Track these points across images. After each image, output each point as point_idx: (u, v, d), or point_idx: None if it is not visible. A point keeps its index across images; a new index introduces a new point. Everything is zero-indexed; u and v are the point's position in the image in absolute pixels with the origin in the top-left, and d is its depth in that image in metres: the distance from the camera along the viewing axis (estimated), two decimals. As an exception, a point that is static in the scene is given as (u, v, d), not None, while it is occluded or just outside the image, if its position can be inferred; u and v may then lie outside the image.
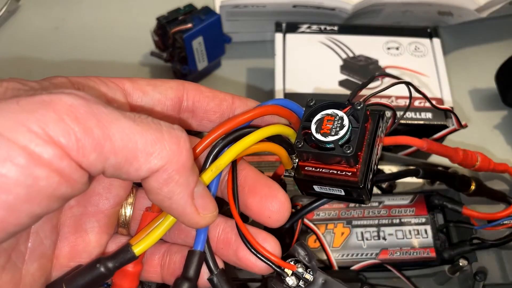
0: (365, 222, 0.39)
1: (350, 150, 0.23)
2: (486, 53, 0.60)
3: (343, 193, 0.25)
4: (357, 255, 0.38)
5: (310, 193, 0.27)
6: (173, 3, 0.52)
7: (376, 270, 0.38)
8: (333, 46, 0.50)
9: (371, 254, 0.38)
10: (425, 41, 0.50)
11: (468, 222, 0.39)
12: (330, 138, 0.23)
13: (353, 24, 0.56)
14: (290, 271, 0.24)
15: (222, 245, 0.25)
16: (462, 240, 0.38)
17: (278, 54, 0.49)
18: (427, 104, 0.45)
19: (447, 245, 0.38)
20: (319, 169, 0.25)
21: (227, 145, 0.24)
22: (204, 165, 0.24)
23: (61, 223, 0.24)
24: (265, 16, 0.55)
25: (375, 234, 0.39)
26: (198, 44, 0.52)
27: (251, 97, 0.27)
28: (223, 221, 0.25)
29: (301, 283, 0.24)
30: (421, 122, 0.45)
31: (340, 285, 0.24)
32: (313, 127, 0.24)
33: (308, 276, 0.24)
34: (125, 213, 0.26)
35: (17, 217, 0.17)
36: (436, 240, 0.38)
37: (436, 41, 0.50)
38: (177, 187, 0.20)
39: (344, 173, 0.24)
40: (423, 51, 0.50)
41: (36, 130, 0.17)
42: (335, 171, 0.24)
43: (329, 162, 0.24)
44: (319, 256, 0.38)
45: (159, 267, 0.26)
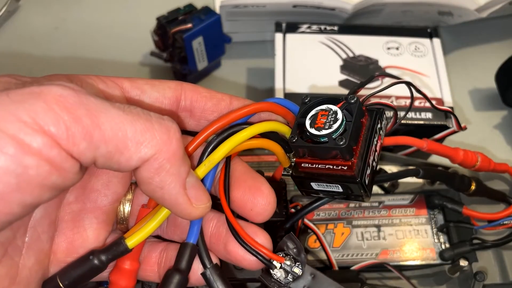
0: (365, 222, 0.39)
1: (343, 142, 0.23)
2: (486, 53, 0.60)
3: (341, 189, 0.25)
4: (357, 255, 0.38)
5: (309, 192, 0.27)
6: (173, 3, 0.52)
7: (376, 270, 0.38)
8: (333, 46, 0.50)
9: (371, 254, 0.38)
10: (425, 41, 0.50)
11: (468, 222, 0.39)
12: (324, 132, 0.23)
13: (353, 24, 0.56)
14: (279, 264, 0.24)
15: (214, 240, 0.25)
16: (462, 240, 0.38)
17: (278, 54, 0.49)
18: (427, 104, 0.45)
19: (447, 245, 0.38)
20: (316, 165, 0.24)
21: (222, 142, 0.24)
22: (199, 162, 0.24)
23: (59, 219, 0.24)
24: (265, 16, 0.55)
25: (375, 234, 0.39)
26: (198, 44, 0.51)
27: (251, 97, 0.27)
28: (217, 216, 0.25)
29: (290, 277, 0.24)
30: (421, 122, 0.45)
31: (328, 280, 0.24)
32: (308, 122, 0.24)
33: (297, 270, 0.24)
34: (124, 210, 0.26)
35: (8, 206, 0.18)
36: (436, 240, 0.38)
37: (436, 41, 0.50)
38: (168, 177, 0.20)
39: (340, 168, 0.24)
40: (423, 51, 0.50)
41: (26, 120, 0.17)
42: (331, 166, 0.24)
43: (325, 157, 0.24)
44: (319, 256, 0.38)
45: (156, 266, 0.26)
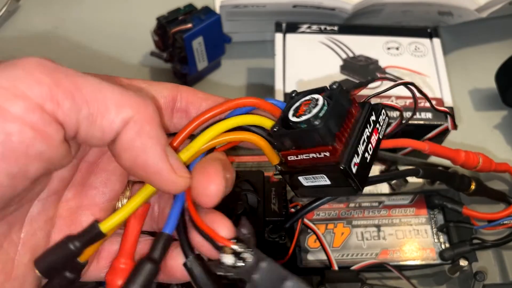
0: (365, 222, 0.39)
1: (319, 122, 0.22)
2: (486, 53, 0.60)
3: (328, 181, 0.24)
4: (357, 255, 0.38)
5: (303, 193, 0.26)
6: (173, 3, 0.52)
7: (376, 270, 0.38)
8: (333, 46, 0.50)
9: (371, 254, 0.38)
10: (425, 41, 0.50)
11: (468, 222, 0.39)
12: (303, 118, 0.23)
13: (353, 24, 0.56)
14: (228, 249, 0.23)
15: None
16: (462, 240, 0.38)
17: (278, 54, 0.49)
18: (428, 104, 0.45)
19: (447, 245, 0.38)
20: (301, 156, 0.24)
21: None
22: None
23: (57, 216, 0.24)
24: (265, 16, 0.55)
25: (375, 234, 0.39)
26: (198, 44, 0.51)
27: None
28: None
29: (240, 263, 0.23)
30: (421, 122, 0.45)
31: (279, 268, 0.23)
32: (291, 113, 0.24)
33: (247, 256, 0.23)
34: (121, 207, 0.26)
35: None
36: (436, 240, 0.38)
37: (436, 41, 0.50)
38: (149, 140, 0.20)
39: (323, 155, 0.23)
40: (423, 51, 0.50)
41: (5, 85, 0.17)
42: (315, 155, 0.23)
43: (308, 145, 0.23)
44: (319, 256, 0.38)
45: None
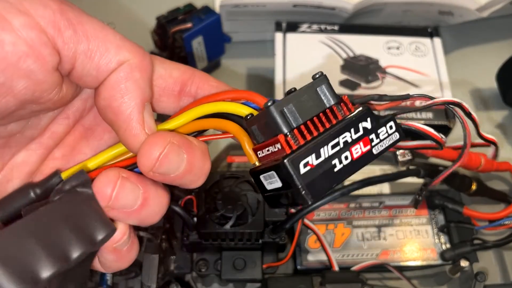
0: (366, 223, 0.39)
1: (270, 103, 0.20)
2: (487, 53, 0.60)
3: (280, 183, 0.20)
4: (358, 256, 0.38)
5: (272, 202, 0.22)
6: (173, 3, 0.52)
7: (377, 271, 0.38)
8: (334, 46, 0.50)
9: (372, 255, 0.38)
10: (426, 41, 0.50)
11: (469, 223, 0.39)
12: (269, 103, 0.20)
13: (354, 24, 0.56)
14: None
15: None
16: (463, 241, 0.38)
17: (278, 54, 0.49)
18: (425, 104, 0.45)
19: (448, 246, 0.38)
20: (265, 151, 0.21)
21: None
22: None
23: (39, 171, 0.24)
24: (265, 16, 0.55)
25: (376, 235, 0.39)
26: (198, 44, 0.51)
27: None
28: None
29: None
30: (422, 122, 0.44)
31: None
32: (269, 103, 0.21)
33: None
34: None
35: None
36: (437, 241, 0.38)
37: (437, 41, 0.50)
38: (134, 86, 0.20)
39: (277, 148, 0.20)
40: (424, 51, 0.50)
41: (12, 1, 0.18)
42: (272, 148, 0.20)
43: (268, 136, 0.20)
44: (320, 257, 0.38)
45: None
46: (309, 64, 0.48)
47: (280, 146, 0.19)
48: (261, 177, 0.21)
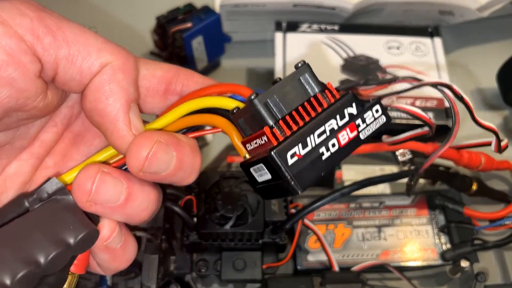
0: (366, 223, 0.39)
1: (254, 96, 0.20)
2: (488, 53, 0.60)
3: (270, 175, 0.20)
4: (358, 256, 0.38)
5: (263, 193, 0.21)
6: (173, 3, 0.52)
7: (377, 271, 0.38)
8: (334, 46, 0.50)
9: (372, 255, 0.38)
10: (426, 41, 0.50)
11: (470, 223, 0.39)
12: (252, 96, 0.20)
13: (354, 24, 0.56)
14: None
15: None
16: (464, 241, 0.38)
17: (278, 54, 0.49)
18: (427, 104, 0.45)
19: (448, 246, 0.38)
20: (253, 144, 0.20)
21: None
22: None
23: (33, 181, 0.24)
24: (265, 15, 0.55)
25: (376, 235, 0.39)
26: (198, 44, 0.51)
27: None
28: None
29: None
30: (421, 122, 0.44)
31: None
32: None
33: None
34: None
35: None
36: (437, 241, 0.38)
37: (437, 41, 0.50)
38: (118, 88, 0.20)
39: (264, 140, 0.20)
40: (424, 51, 0.49)
41: None
42: (260, 140, 0.20)
43: (255, 129, 0.20)
44: (320, 257, 0.38)
45: None
46: (309, 64, 0.48)
47: (267, 139, 0.19)
48: (251, 170, 0.21)
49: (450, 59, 0.55)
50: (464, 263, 0.36)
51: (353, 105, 0.20)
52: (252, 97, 0.20)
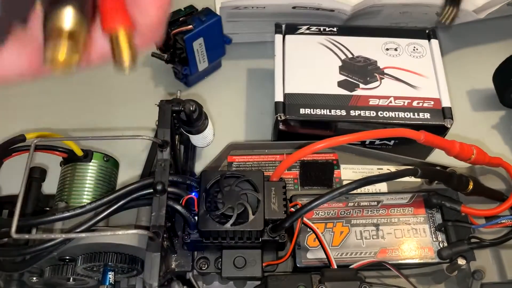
0: (364, 221, 0.40)
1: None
2: (484, 54, 0.61)
3: None
4: (356, 254, 0.38)
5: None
6: (174, 5, 0.52)
7: (375, 269, 0.39)
8: (332, 47, 0.50)
9: (370, 253, 0.38)
10: (424, 42, 0.51)
11: (466, 221, 0.39)
12: None
13: (352, 25, 0.57)
14: None
15: None
16: (460, 239, 0.38)
17: (278, 55, 0.49)
18: (425, 105, 0.46)
19: (445, 244, 0.38)
20: None
21: None
22: None
23: None
24: (265, 17, 0.55)
25: (374, 233, 0.39)
26: (199, 45, 0.52)
27: (252, 98, 0.27)
28: None
29: None
30: (419, 122, 0.45)
31: None
32: None
33: None
34: None
35: None
36: (434, 239, 0.39)
37: (434, 42, 0.51)
38: None
39: None
40: (422, 52, 0.50)
41: None
42: None
43: None
44: (319, 255, 0.38)
45: None
46: (309, 65, 0.49)
47: None
48: None
49: (447, 60, 0.55)
50: (461, 261, 0.36)
51: None
52: None
